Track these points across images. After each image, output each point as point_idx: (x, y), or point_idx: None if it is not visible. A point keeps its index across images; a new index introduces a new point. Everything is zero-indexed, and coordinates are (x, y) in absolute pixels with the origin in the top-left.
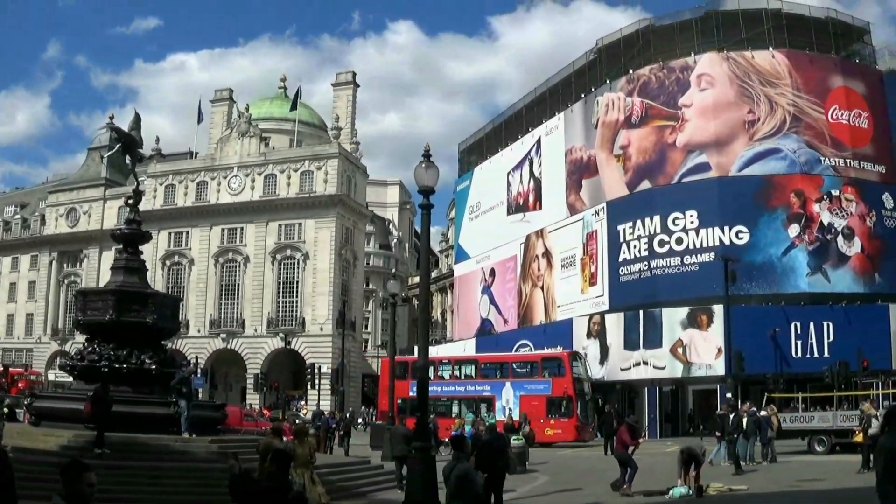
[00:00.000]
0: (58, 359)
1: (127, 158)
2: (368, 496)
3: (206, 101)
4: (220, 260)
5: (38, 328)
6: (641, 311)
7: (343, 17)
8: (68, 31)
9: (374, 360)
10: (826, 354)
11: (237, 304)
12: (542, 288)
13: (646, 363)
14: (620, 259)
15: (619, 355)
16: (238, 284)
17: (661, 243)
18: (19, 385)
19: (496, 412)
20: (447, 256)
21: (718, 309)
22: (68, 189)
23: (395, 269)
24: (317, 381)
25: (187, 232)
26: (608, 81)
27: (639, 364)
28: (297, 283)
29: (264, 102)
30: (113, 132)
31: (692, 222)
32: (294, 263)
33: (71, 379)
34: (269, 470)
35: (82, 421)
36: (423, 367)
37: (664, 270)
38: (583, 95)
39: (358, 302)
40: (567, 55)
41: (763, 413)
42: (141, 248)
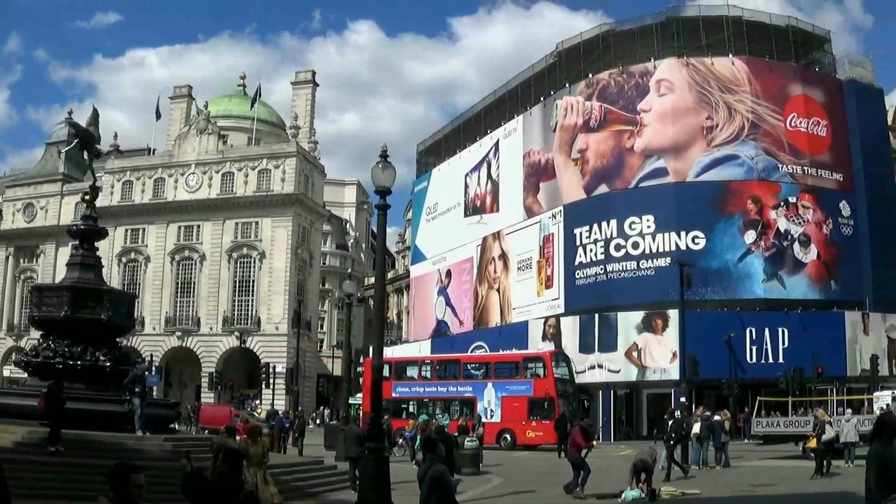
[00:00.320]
0: (13, 355)
1: (84, 154)
2: (321, 496)
3: (164, 98)
4: (177, 257)
5: None
6: (597, 315)
7: (304, 16)
8: (28, 24)
9: (330, 360)
10: (781, 360)
11: (193, 302)
12: (498, 290)
13: (601, 366)
14: (577, 262)
15: (574, 358)
16: (194, 282)
17: (618, 247)
18: None
19: (478, 414)
20: (404, 257)
21: (674, 313)
22: (25, 184)
23: (351, 270)
24: (271, 381)
25: (144, 229)
26: (567, 85)
27: (594, 367)
28: (253, 281)
29: (223, 100)
30: (71, 127)
31: (649, 227)
32: (250, 262)
33: (25, 375)
34: (222, 469)
35: (36, 417)
36: (378, 368)
37: (620, 274)
38: (542, 98)
39: (314, 302)
40: (527, 58)
41: (717, 417)
42: (97, 244)
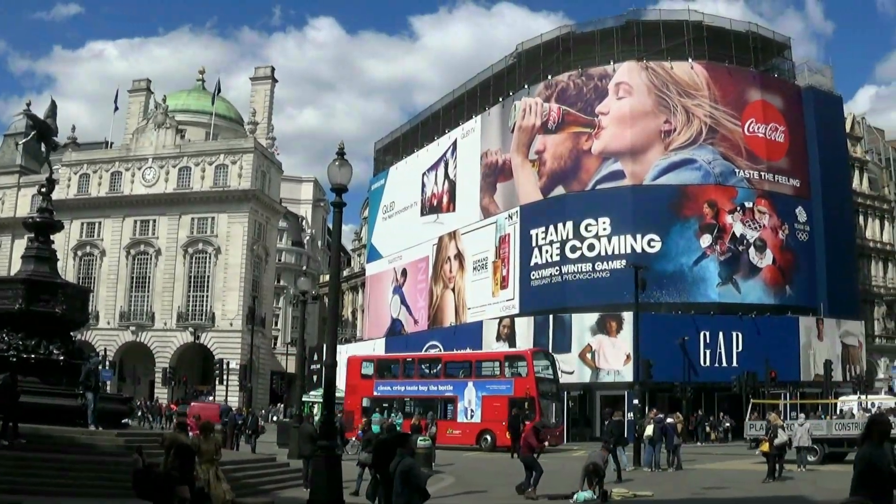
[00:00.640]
0: None
1: (42, 146)
2: (273, 494)
3: (123, 91)
4: (132, 252)
5: None
6: (551, 316)
7: (264, 11)
8: None
9: (284, 357)
10: (734, 364)
11: (147, 296)
12: (454, 290)
13: None
14: (532, 263)
15: None
16: (149, 277)
17: (573, 249)
18: None
19: (458, 414)
20: (359, 255)
21: (628, 316)
22: None
23: (306, 267)
24: (225, 377)
25: (100, 222)
26: (526, 86)
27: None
28: (208, 277)
29: (181, 94)
30: (29, 119)
31: (605, 229)
32: (206, 257)
33: None
34: (173, 465)
35: None
36: (331, 366)
37: (575, 276)
38: (500, 99)
39: (268, 298)
40: (487, 58)
41: (670, 420)
42: (53, 237)
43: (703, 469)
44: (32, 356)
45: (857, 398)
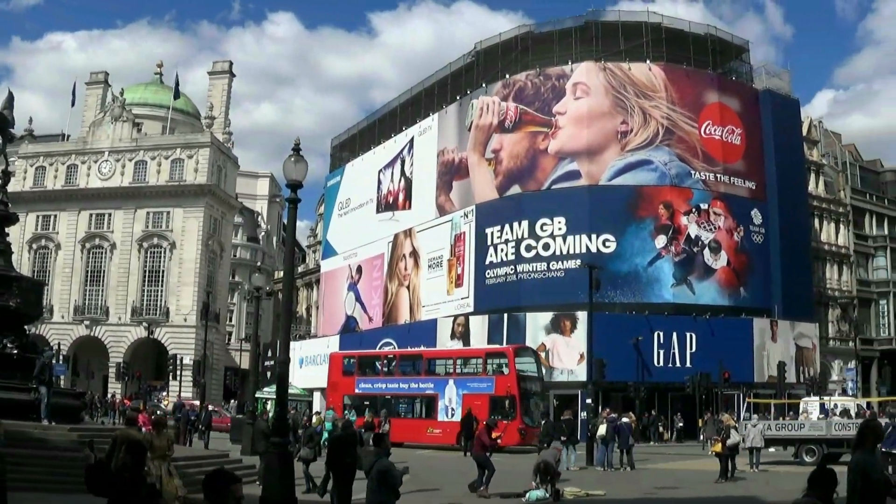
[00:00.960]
0: None
1: None
2: None
3: (81, 84)
4: (87, 245)
5: None
6: (506, 315)
7: (223, 5)
8: None
9: (238, 353)
10: (688, 365)
11: (102, 291)
12: (408, 287)
13: None
14: (487, 262)
15: None
16: (104, 271)
17: (529, 248)
18: None
19: (439, 413)
20: (315, 252)
21: (582, 315)
22: None
23: (261, 263)
24: (179, 373)
25: (55, 216)
26: (484, 85)
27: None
28: (163, 272)
29: (139, 87)
30: None
31: (560, 229)
32: (161, 252)
33: None
34: (125, 461)
35: None
36: (284, 363)
37: (530, 275)
38: (458, 98)
39: (223, 294)
40: (445, 56)
41: (625, 420)
42: (7, 230)
43: (655, 469)
44: None
45: (820, 399)
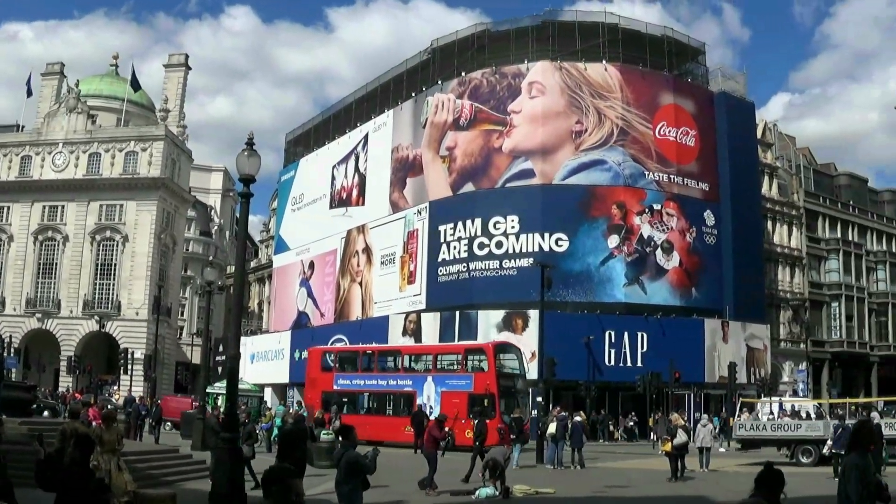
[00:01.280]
0: None
1: None
2: (176, 485)
3: (36, 75)
4: (40, 238)
5: None
6: (458, 312)
7: None
8: None
9: (189, 347)
10: (639, 364)
11: (54, 283)
12: (361, 284)
13: None
14: (440, 259)
15: None
16: (56, 264)
17: (481, 246)
18: None
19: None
20: (267, 247)
21: (534, 314)
22: None
23: (213, 257)
24: (130, 367)
25: (8, 207)
26: (440, 82)
27: None
28: (115, 265)
29: (94, 79)
30: None
31: (513, 227)
32: (113, 245)
33: None
34: (73, 455)
35: None
36: (234, 358)
37: (482, 273)
38: (413, 94)
39: (175, 288)
40: (402, 53)
41: (577, 418)
42: None
43: (605, 467)
44: None
45: (779, 400)
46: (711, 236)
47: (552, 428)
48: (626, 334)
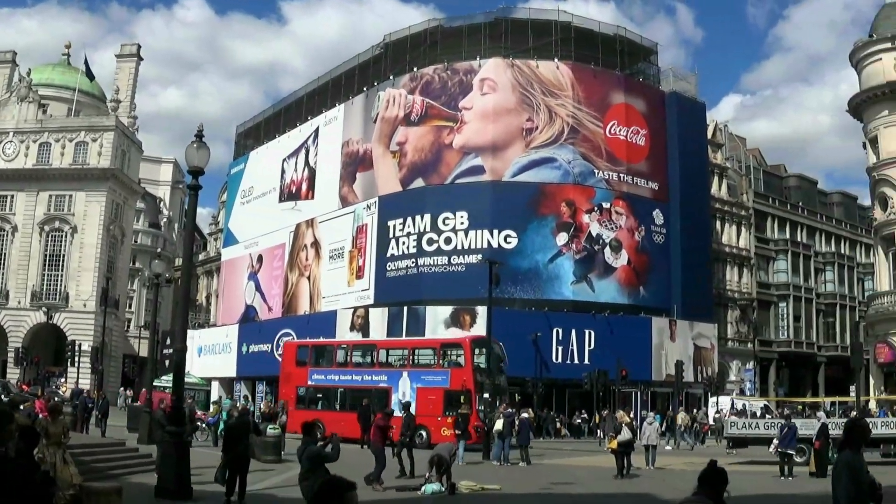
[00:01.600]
0: None
1: None
2: (122, 479)
3: None
4: None
5: None
6: (406, 308)
7: None
8: None
9: (137, 340)
10: (586, 361)
11: (2, 274)
12: (309, 278)
13: None
14: (389, 254)
15: None
16: (5, 254)
17: (430, 242)
18: None
19: (392, 407)
20: (216, 240)
21: (482, 310)
22: None
23: (161, 249)
24: (77, 359)
25: None
26: (392, 77)
27: None
28: (64, 256)
29: (46, 68)
30: None
31: (462, 223)
32: (62, 236)
33: None
34: (18, 447)
35: None
36: (180, 351)
37: (431, 269)
38: (365, 89)
39: (123, 280)
40: (354, 47)
41: (525, 415)
42: None
43: (551, 464)
44: None
45: (731, 398)
46: (660, 235)
47: (499, 425)
48: (573, 332)
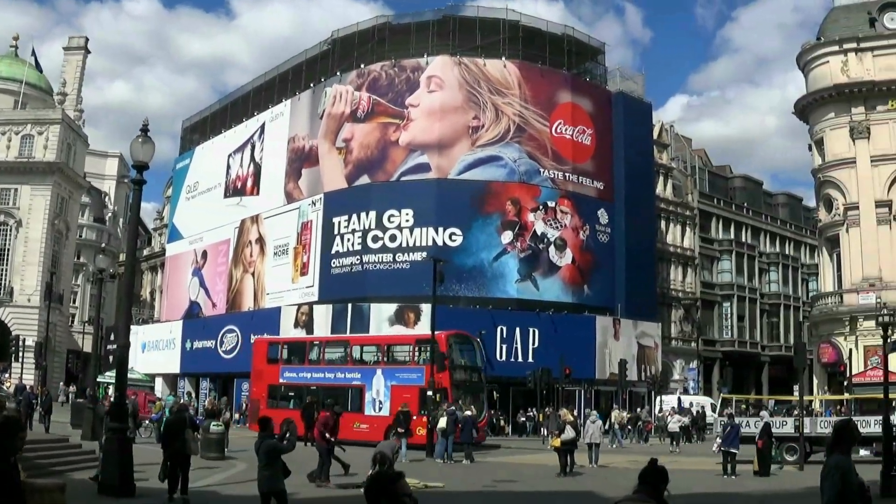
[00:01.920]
0: None
1: None
2: (65, 475)
3: None
4: None
5: None
6: (350, 305)
7: None
8: None
9: (81, 335)
10: (530, 360)
11: None
12: (253, 274)
13: None
14: (333, 251)
15: None
16: None
17: (375, 239)
18: None
19: (365, 406)
20: (161, 235)
21: (426, 307)
22: None
23: (106, 244)
24: (21, 354)
25: None
26: (339, 73)
27: None
28: (9, 250)
29: None
30: None
31: (407, 221)
32: (6, 230)
33: None
34: None
35: None
36: (123, 347)
37: (376, 266)
38: (312, 85)
39: (68, 275)
40: (302, 42)
41: (468, 413)
42: None
43: (495, 462)
44: None
45: (677, 396)
46: (605, 234)
47: (442, 422)
48: (517, 330)
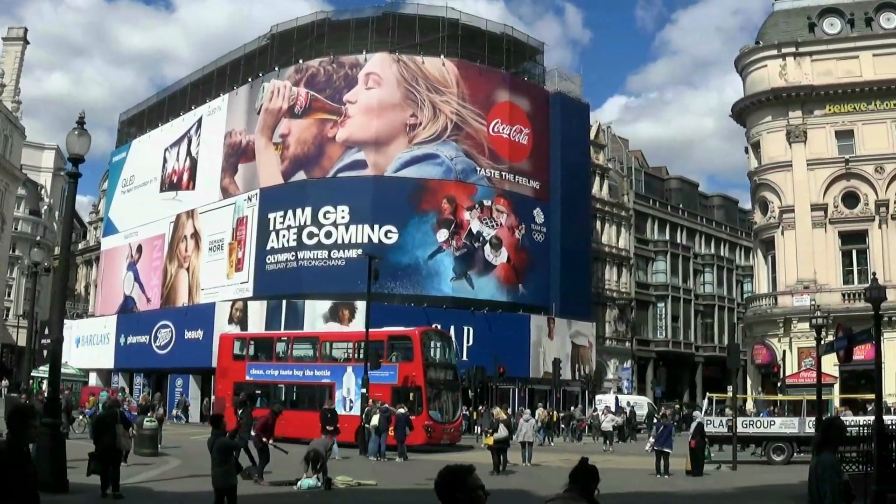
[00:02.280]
0: None
1: None
2: None
3: None
4: None
5: None
6: (284, 301)
7: None
8: None
9: (15, 329)
10: (465, 358)
11: None
12: (188, 269)
13: None
14: (269, 247)
15: None
16: None
17: (311, 235)
18: None
19: (335, 404)
20: (96, 228)
21: (361, 305)
22: None
23: (41, 237)
24: None
25: None
26: (277, 69)
27: None
28: None
29: None
30: None
31: (343, 217)
32: None
33: None
34: None
35: None
36: (57, 342)
37: (311, 262)
38: (250, 80)
39: (2, 268)
40: (241, 37)
41: (401, 410)
42: None
43: (428, 460)
44: None
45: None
46: (540, 234)
47: (375, 420)
48: (452, 328)
